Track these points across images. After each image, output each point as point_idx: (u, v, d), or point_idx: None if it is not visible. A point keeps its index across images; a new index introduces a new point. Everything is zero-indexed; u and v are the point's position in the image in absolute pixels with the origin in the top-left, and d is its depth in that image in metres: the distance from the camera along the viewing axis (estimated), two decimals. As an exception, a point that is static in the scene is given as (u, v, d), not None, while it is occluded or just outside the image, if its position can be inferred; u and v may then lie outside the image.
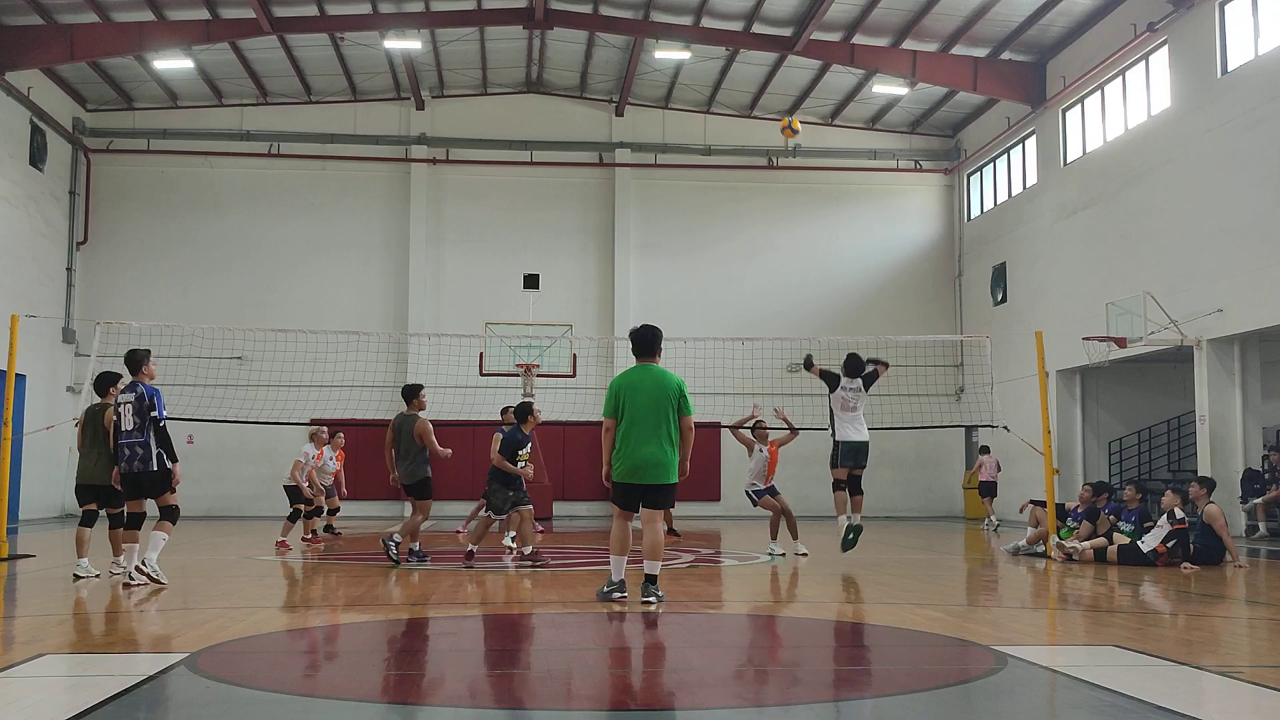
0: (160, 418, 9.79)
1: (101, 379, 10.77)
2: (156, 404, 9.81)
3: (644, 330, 8.88)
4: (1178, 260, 19.84)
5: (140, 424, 9.79)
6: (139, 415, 9.79)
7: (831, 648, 7.20)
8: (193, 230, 27.94)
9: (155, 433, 9.78)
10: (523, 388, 22.49)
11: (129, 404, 9.85)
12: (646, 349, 8.76)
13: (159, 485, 9.90)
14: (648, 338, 8.78)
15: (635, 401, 8.53)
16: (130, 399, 9.87)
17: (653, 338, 8.80)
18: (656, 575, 8.59)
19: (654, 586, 8.54)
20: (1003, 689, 5.53)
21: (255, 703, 5.18)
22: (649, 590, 8.49)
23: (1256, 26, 18.44)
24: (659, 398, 8.52)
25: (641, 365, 8.75)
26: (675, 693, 5.40)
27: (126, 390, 10.02)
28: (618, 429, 8.57)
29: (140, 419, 9.79)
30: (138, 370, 10.08)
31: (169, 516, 10.04)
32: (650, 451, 8.47)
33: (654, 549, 8.56)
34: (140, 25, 23.42)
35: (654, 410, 8.50)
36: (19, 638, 6.97)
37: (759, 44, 24.82)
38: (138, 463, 9.82)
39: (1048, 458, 14.32)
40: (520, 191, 28.84)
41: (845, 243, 29.22)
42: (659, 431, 8.49)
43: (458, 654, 6.80)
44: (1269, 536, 17.75)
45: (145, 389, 9.88)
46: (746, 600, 9.74)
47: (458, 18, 24.69)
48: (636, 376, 8.65)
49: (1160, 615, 8.62)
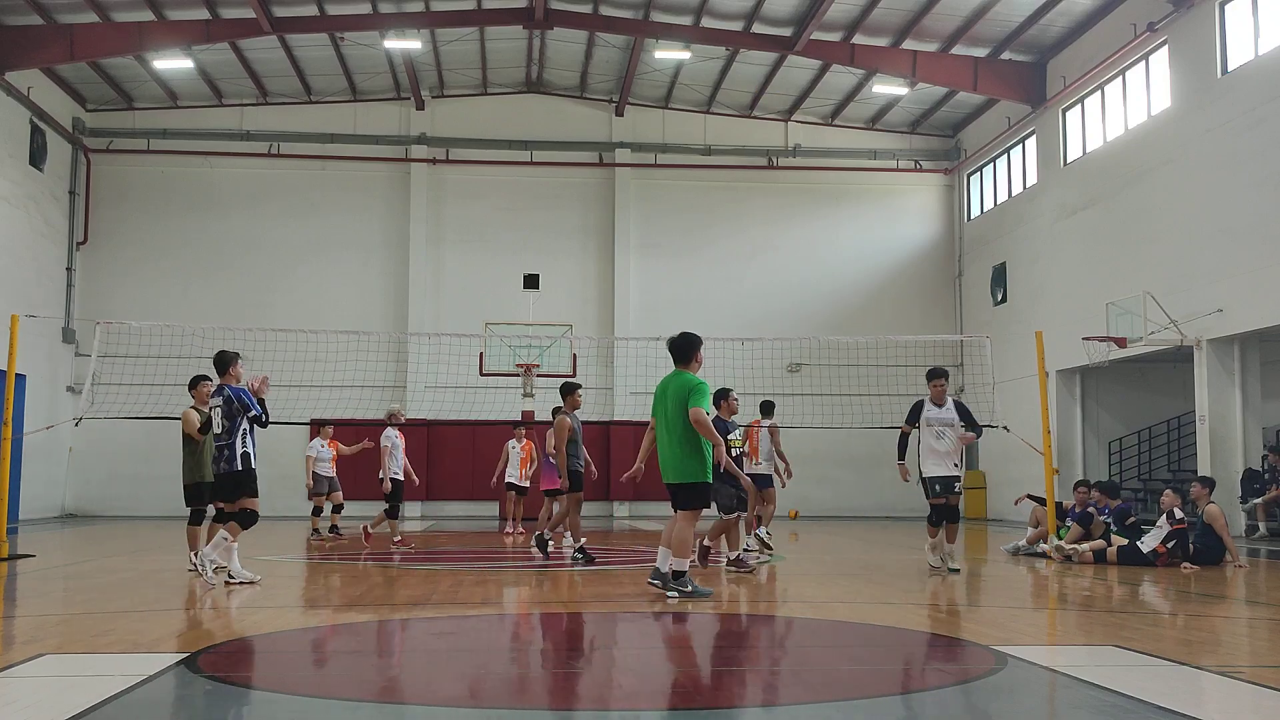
0: (255, 412, 9.79)
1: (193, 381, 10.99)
2: (249, 403, 9.80)
3: (676, 338, 9.25)
4: (1178, 260, 19.84)
5: (229, 426, 9.79)
6: (227, 418, 9.81)
7: (831, 648, 7.19)
8: (193, 230, 27.94)
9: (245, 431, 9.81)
10: (523, 388, 22.50)
11: (219, 408, 9.89)
12: (678, 355, 9.16)
13: (235, 487, 9.87)
14: (679, 344, 9.18)
15: (658, 405, 9.06)
16: (219, 403, 9.90)
17: (685, 344, 9.15)
18: (682, 572, 8.84)
19: (675, 583, 8.80)
20: (1003, 689, 5.53)
21: (255, 703, 5.17)
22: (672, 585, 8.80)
23: (1256, 26, 18.44)
24: (676, 400, 8.85)
25: (674, 371, 9.13)
26: (675, 693, 5.40)
27: (215, 394, 10.04)
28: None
29: (229, 421, 9.79)
30: (225, 372, 10.07)
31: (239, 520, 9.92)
32: (664, 452, 8.99)
33: (675, 545, 8.85)
34: (140, 25, 23.42)
35: (671, 413, 8.86)
36: (19, 638, 6.97)
37: (759, 44, 24.82)
38: (223, 464, 9.86)
39: (1047, 458, 14.32)
40: (520, 191, 28.84)
41: (845, 243, 29.22)
42: (674, 433, 8.85)
43: (460, 654, 6.80)
44: (1269, 536, 17.74)
45: (231, 391, 9.87)
46: (746, 600, 9.73)
47: (458, 18, 24.69)
48: (665, 381, 9.13)
49: (1160, 615, 8.61)
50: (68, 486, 26.79)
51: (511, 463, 17.68)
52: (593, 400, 25.29)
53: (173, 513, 26.15)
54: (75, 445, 26.20)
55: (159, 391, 21.25)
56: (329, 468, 16.96)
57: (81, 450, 26.50)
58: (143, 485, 27.08)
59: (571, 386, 13.10)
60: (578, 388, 13.14)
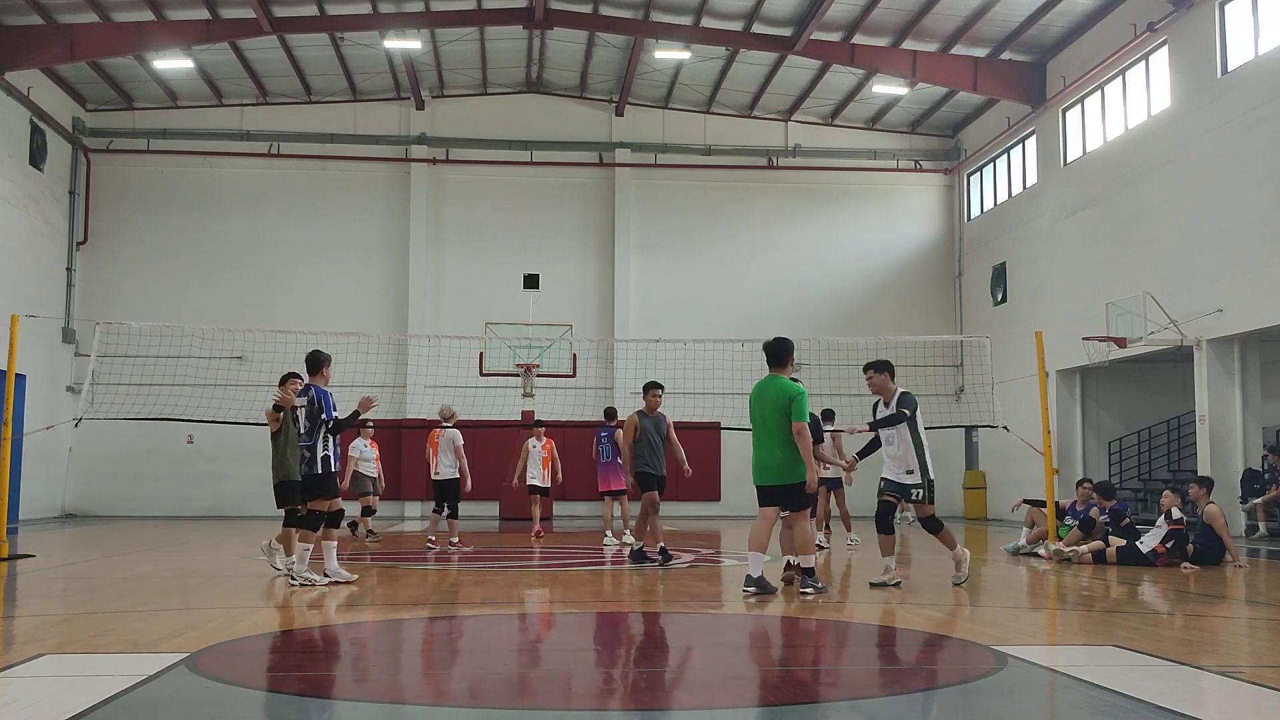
0: (330, 419, 9.79)
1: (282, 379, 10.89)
2: (325, 406, 9.80)
3: (773, 342, 9.41)
4: (1178, 260, 19.84)
5: (311, 427, 9.80)
6: (310, 419, 9.83)
7: (831, 648, 7.19)
8: (193, 230, 27.94)
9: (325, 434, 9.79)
10: (522, 388, 22.49)
11: (303, 408, 9.89)
12: (774, 359, 9.34)
13: (313, 489, 9.84)
14: (775, 349, 9.35)
15: (755, 408, 9.19)
16: (304, 402, 9.90)
17: (780, 348, 9.34)
18: (810, 568, 9.11)
19: (810, 579, 9.06)
20: (1003, 689, 5.53)
21: (255, 703, 5.18)
22: (806, 582, 9.05)
23: (1256, 26, 18.43)
24: (776, 406, 9.02)
25: (769, 375, 9.32)
26: (676, 692, 5.40)
27: (302, 393, 10.01)
28: None
29: (311, 422, 9.81)
30: (317, 372, 10.07)
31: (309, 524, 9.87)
32: (759, 454, 9.16)
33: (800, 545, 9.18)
34: (140, 25, 23.41)
35: (771, 417, 9.03)
36: (19, 638, 6.97)
37: (759, 44, 24.81)
38: (304, 465, 9.88)
39: (1047, 458, 14.32)
40: (520, 191, 28.83)
41: (845, 243, 29.21)
42: (775, 437, 9.03)
43: (468, 654, 6.81)
44: (1269, 536, 17.74)
45: (317, 392, 9.86)
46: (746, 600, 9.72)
47: (458, 18, 24.68)
48: (762, 385, 9.26)
49: (1160, 615, 8.61)
50: (68, 486, 26.79)
51: (533, 462, 16.77)
52: (593, 400, 25.30)
53: (173, 513, 26.27)
54: (75, 445, 26.20)
55: (159, 391, 21.29)
56: (372, 467, 16.74)
57: (81, 450, 26.50)
58: (143, 485, 27.10)
59: (649, 386, 12.73)
60: (656, 387, 12.69)
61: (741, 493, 15.22)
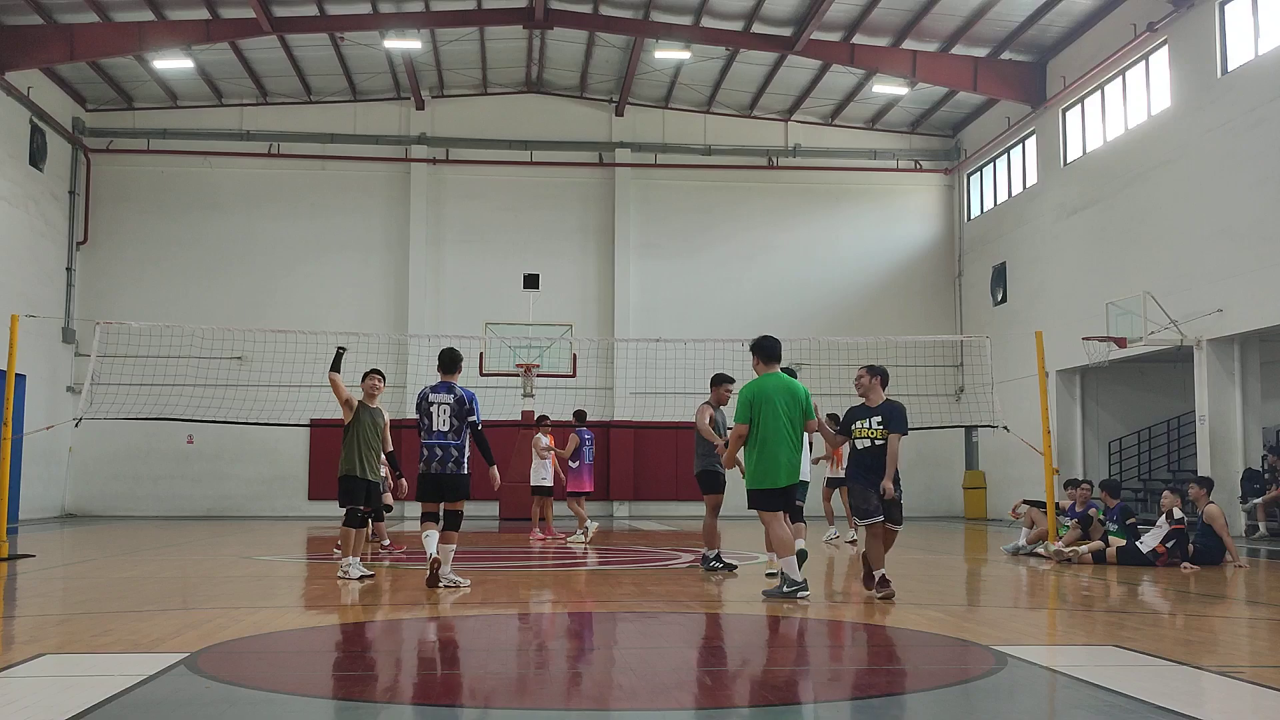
0: (478, 423, 9.66)
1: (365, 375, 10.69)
2: (475, 409, 9.65)
3: (766, 341, 9.18)
4: (1178, 260, 19.84)
5: (458, 426, 9.58)
6: (457, 418, 9.59)
7: (832, 647, 7.19)
8: (192, 230, 27.94)
9: (474, 437, 9.65)
10: (523, 388, 22.49)
11: (446, 405, 9.59)
12: (775, 356, 9.11)
13: (464, 489, 9.70)
14: (774, 347, 9.15)
15: (766, 406, 8.83)
16: (449, 400, 9.60)
17: (778, 345, 9.20)
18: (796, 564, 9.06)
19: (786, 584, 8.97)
20: (1003, 689, 5.53)
21: (255, 703, 5.17)
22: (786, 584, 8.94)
23: (1256, 26, 18.44)
24: (795, 403, 8.91)
25: (775, 373, 9.06)
26: (676, 692, 5.40)
27: (440, 390, 9.69)
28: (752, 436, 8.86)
29: (458, 421, 9.58)
30: (457, 369, 9.85)
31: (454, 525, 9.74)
32: (787, 454, 8.88)
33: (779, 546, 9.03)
34: (140, 25, 23.42)
35: (794, 416, 8.89)
36: (19, 638, 6.97)
37: (759, 44, 24.82)
38: (451, 464, 9.57)
39: (1047, 458, 14.32)
40: (520, 191, 28.84)
41: (845, 243, 29.22)
42: (795, 435, 8.91)
43: (469, 654, 6.80)
44: (1269, 536, 17.74)
45: (464, 392, 9.67)
46: (747, 600, 9.73)
47: (458, 18, 24.68)
48: (765, 382, 8.97)
49: (1160, 615, 8.61)
50: (67, 486, 26.79)
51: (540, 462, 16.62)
52: (592, 400, 25.30)
53: (173, 513, 26.28)
54: (75, 445, 26.20)
55: (159, 391, 21.31)
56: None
57: (81, 450, 26.51)
58: (143, 485, 27.12)
59: (719, 379, 11.50)
60: (728, 380, 11.42)
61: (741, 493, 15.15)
